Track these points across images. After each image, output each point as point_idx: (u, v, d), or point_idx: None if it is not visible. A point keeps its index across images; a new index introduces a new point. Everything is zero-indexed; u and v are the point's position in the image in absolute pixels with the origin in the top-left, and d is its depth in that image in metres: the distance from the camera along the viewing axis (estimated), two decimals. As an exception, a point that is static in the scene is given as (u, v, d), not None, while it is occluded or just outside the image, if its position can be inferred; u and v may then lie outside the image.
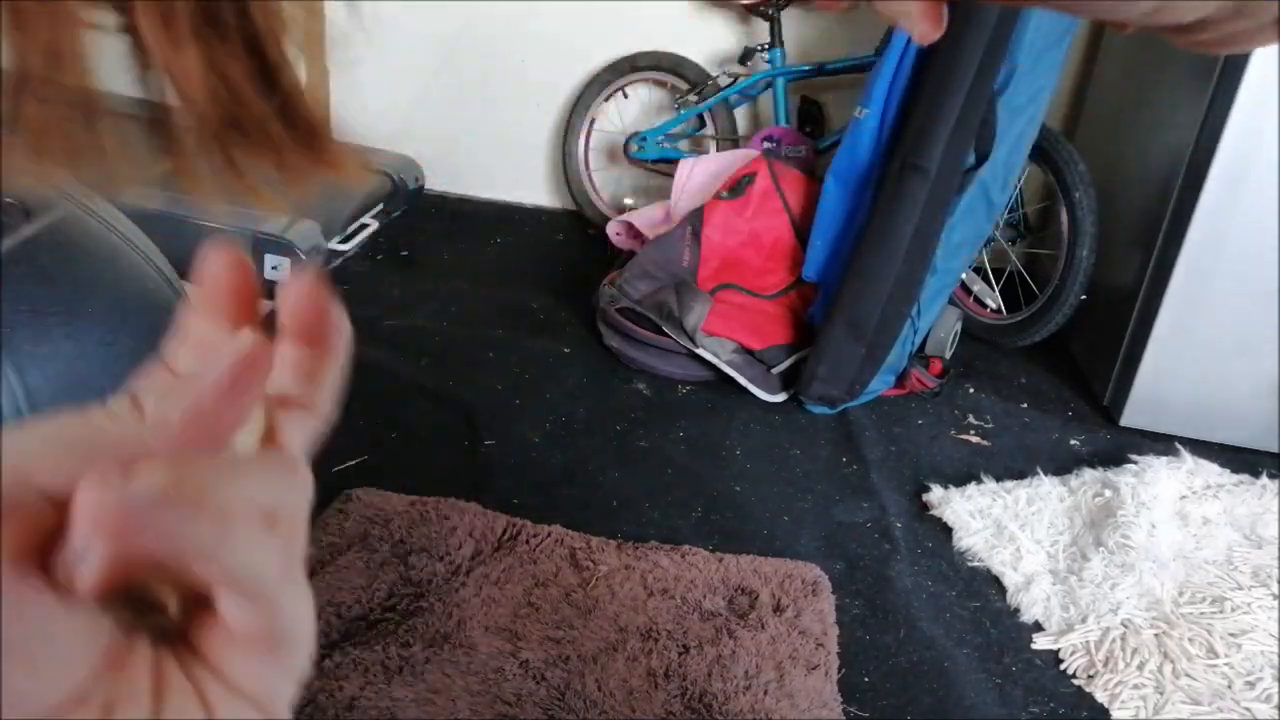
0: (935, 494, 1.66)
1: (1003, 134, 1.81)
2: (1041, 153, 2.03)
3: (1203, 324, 1.81)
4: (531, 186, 2.90)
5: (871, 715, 1.22)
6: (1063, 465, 1.78)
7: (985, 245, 2.14)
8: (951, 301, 2.13)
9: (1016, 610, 1.42)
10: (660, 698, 1.19)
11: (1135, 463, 1.74)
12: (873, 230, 1.84)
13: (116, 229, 0.80)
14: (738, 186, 2.11)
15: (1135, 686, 1.28)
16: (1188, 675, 1.29)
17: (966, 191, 1.84)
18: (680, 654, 1.25)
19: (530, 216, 2.82)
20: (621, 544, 1.47)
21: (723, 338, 1.97)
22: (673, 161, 2.43)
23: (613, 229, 2.47)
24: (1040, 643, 1.36)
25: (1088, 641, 1.35)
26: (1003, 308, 2.25)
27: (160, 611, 0.20)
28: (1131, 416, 1.92)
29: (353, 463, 1.58)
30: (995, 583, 1.48)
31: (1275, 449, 1.86)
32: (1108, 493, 1.63)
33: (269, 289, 0.22)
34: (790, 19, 2.52)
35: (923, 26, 0.26)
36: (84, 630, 0.18)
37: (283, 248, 1.99)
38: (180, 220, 1.57)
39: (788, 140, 2.38)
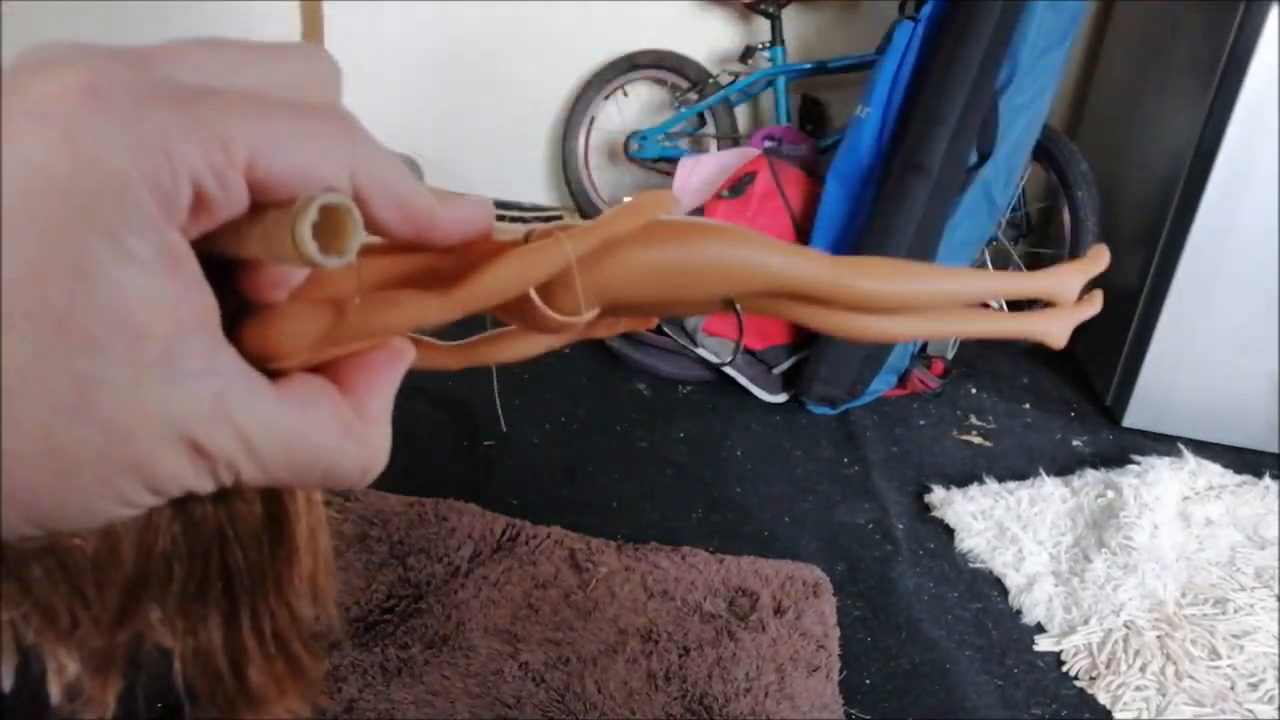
0: (937, 495, 1.65)
1: (1005, 133, 1.80)
2: (1044, 152, 2.03)
3: (1205, 324, 1.80)
4: (531, 186, 2.90)
5: (873, 717, 1.22)
6: (1065, 466, 1.78)
7: (987, 244, 2.14)
8: (953, 301, 2.12)
9: (1018, 612, 1.42)
10: (660, 700, 1.18)
11: (1138, 463, 1.73)
12: (874, 230, 1.83)
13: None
14: (738, 186, 2.10)
15: (1138, 688, 1.27)
16: (1190, 677, 1.29)
17: (968, 191, 1.83)
18: (680, 656, 1.25)
19: (530, 215, 2.81)
20: (621, 545, 1.46)
21: (723, 338, 1.96)
22: (673, 160, 2.42)
23: (613, 228, 2.46)
24: (1042, 644, 1.36)
25: (1090, 643, 1.34)
26: (1005, 307, 2.24)
27: None
28: (1134, 417, 1.91)
29: (352, 463, 1.57)
30: (997, 584, 1.47)
31: (1278, 450, 1.85)
32: (1110, 493, 1.62)
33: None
34: (791, 17, 2.52)
35: None
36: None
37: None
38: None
39: (789, 139, 2.37)
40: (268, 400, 0.19)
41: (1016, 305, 2.21)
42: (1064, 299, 0.27)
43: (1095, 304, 0.28)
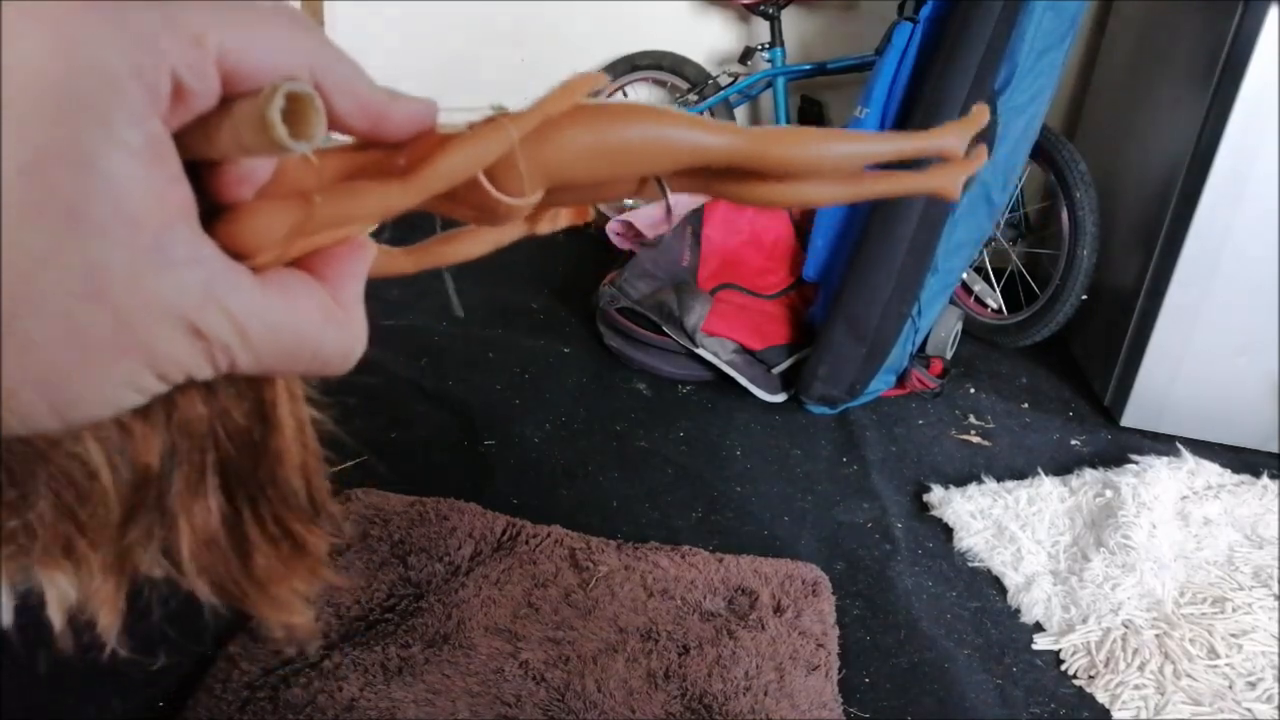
0: (936, 494, 1.66)
1: (1003, 134, 1.80)
2: (1042, 152, 2.03)
3: (1203, 324, 1.80)
4: (531, 186, 2.90)
5: (872, 716, 1.22)
6: (1063, 465, 1.78)
7: (986, 245, 2.14)
8: (952, 301, 2.13)
9: (1017, 611, 1.42)
10: (660, 698, 1.18)
11: (1136, 463, 1.74)
12: (873, 230, 1.84)
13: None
14: (738, 186, 2.11)
15: (1136, 687, 1.28)
16: (1189, 676, 1.29)
17: (967, 191, 1.83)
18: (680, 655, 1.25)
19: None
20: (621, 544, 1.46)
21: (723, 338, 1.97)
22: (673, 161, 2.42)
23: (613, 229, 2.46)
24: (1041, 643, 1.36)
25: (1088, 642, 1.35)
26: (1003, 308, 2.24)
27: None
28: (1132, 416, 1.92)
29: (352, 463, 1.57)
30: (996, 583, 1.48)
31: (1276, 449, 1.86)
32: (1108, 493, 1.63)
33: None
34: (791, 18, 2.52)
35: None
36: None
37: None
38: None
39: (788, 140, 2.37)
40: (252, 288, 0.20)
41: (1015, 296, 2.22)
42: (953, 154, 0.30)
43: (981, 156, 0.31)
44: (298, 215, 0.22)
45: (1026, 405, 2.02)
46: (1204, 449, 1.82)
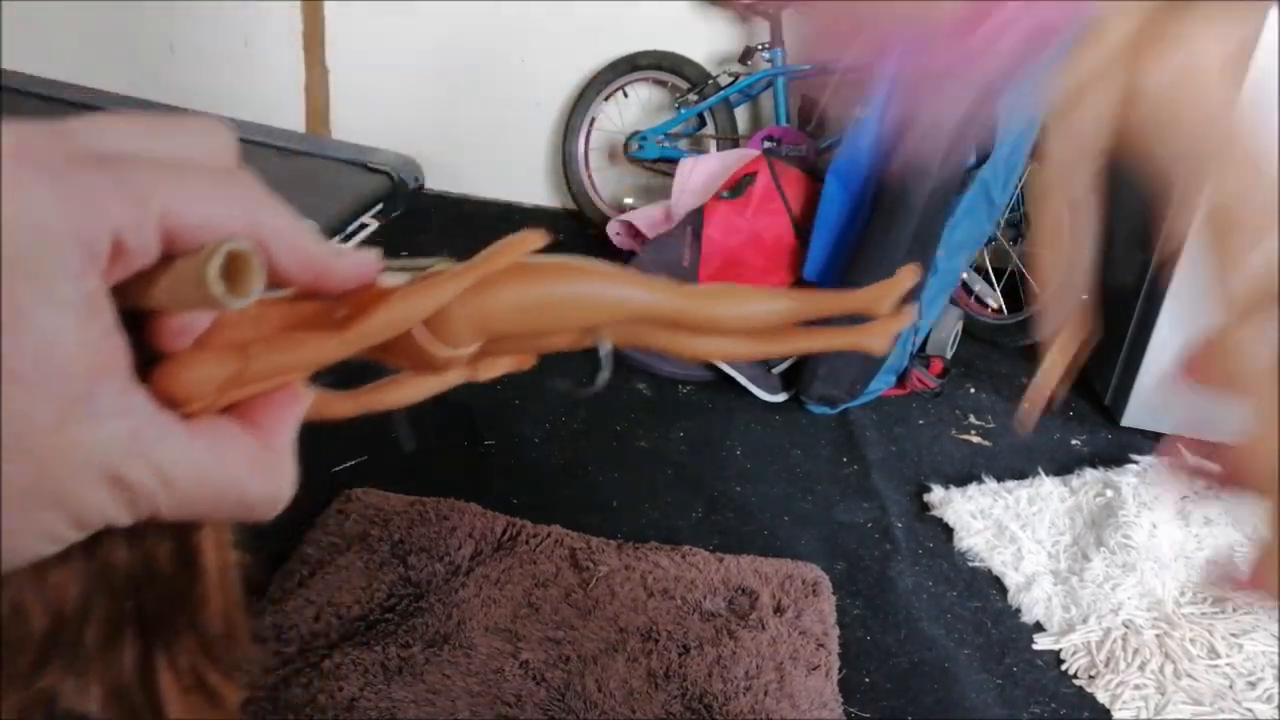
0: (936, 494, 1.65)
1: (1004, 133, 1.80)
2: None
3: (1204, 323, 1.80)
4: (531, 186, 2.90)
5: (872, 716, 1.22)
6: (1064, 465, 1.78)
7: (986, 245, 2.14)
8: (952, 301, 2.13)
9: (1018, 610, 1.42)
10: (660, 698, 1.18)
11: (1136, 462, 1.73)
12: (873, 230, 1.84)
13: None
14: (738, 186, 2.11)
15: (1137, 687, 1.28)
16: (1189, 675, 1.29)
17: (967, 191, 1.83)
18: (680, 655, 1.25)
19: (530, 216, 2.82)
20: (621, 544, 1.46)
21: (723, 337, 1.97)
22: (673, 161, 2.42)
23: (613, 229, 2.46)
24: (1041, 643, 1.36)
25: (1089, 642, 1.35)
26: (1004, 307, 2.24)
27: None
28: (1132, 416, 1.92)
29: (352, 463, 1.57)
30: (996, 583, 1.48)
31: (1277, 449, 1.86)
32: (1109, 492, 1.63)
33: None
34: (791, 18, 2.52)
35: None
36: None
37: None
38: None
39: (788, 139, 2.38)
40: (179, 437, 0.21)
41: (1015, 295, 2.22)
42: (878, 313, 0.31)
43: (909, 315, 0.32)
44: (233, 366, 0.23)
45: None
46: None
